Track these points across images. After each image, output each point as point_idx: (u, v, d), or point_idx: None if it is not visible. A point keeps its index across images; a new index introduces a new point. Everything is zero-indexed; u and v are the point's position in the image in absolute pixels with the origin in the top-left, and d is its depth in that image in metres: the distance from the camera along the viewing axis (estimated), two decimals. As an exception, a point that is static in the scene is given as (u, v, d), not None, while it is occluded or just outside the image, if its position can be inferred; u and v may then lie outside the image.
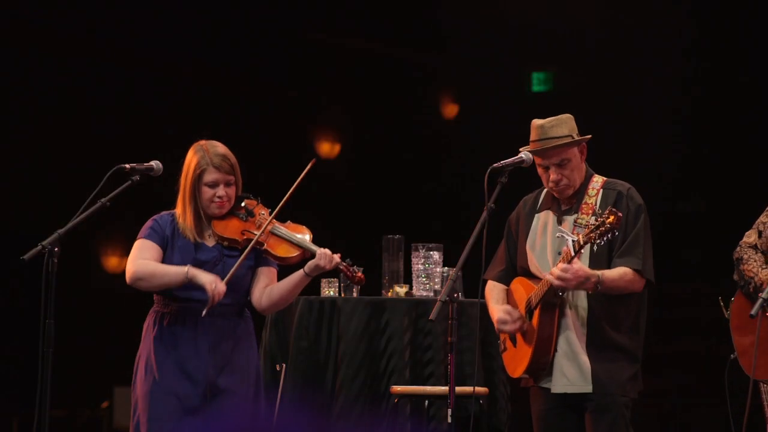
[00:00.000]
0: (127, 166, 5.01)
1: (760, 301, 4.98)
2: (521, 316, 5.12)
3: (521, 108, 11.29)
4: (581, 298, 5.04)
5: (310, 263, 5.13)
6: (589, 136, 5.16)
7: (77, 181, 6.71)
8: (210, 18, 11.49)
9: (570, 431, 5.13)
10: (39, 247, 4.65)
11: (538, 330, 5.04)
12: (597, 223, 4.78)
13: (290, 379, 6.17)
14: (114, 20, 11.21)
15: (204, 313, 4.97)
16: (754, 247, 5.55)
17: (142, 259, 5.08)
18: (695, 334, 11.39)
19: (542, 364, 5.07)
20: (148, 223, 5.16)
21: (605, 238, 4.82)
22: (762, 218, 5.59)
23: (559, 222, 5.12)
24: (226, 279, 5.00)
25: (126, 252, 12.96)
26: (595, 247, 4.99)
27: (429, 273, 6.44)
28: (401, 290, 6.45)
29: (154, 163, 5.08)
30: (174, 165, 5.25)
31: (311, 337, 6.27)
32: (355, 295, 6.41)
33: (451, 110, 12.70)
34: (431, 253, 6.45)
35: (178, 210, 5.16)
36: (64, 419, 12.06)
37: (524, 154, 5.06)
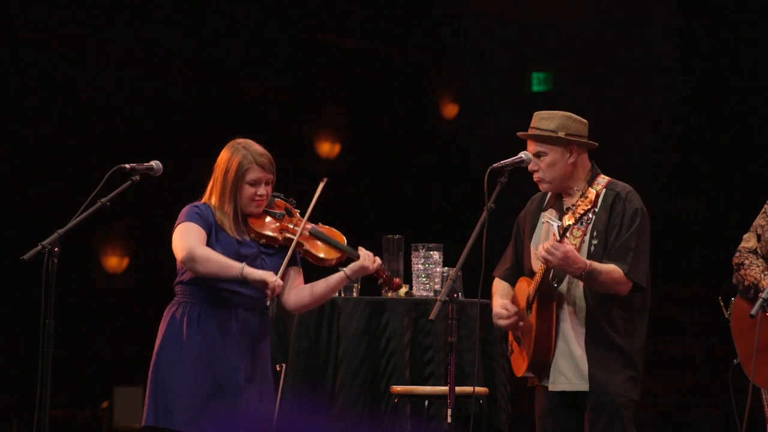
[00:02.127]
0: (127, 166, 5.00)
1: (760, 301, 4.98)
2: (518, 312, 5.11)
3: (521, 108, 11.29)
4: (578, 297, 5.03)
5: (354, 265, 5.16)
6: (581, 140, 5.11)
7: (77, 181, 6.71)
8: (210, 18, 11.49)
9: (570, 430, 5.13)
10: (39, 247, 4.64)
11: (537, 326, 5.04)
12: (573, 207, 4.80)
13: (290, 379, 6.17)
14: (114, 20, 11.21)
15: (270, 307, 5.06)
16: (754, 252, 5.53)
17: (197, 241, 5.01)
18: (695, 334, 11.39)
19: (543, 362, 5.06)
20: (189, 209, 5.09)
21: (583, 221, 4.81)
22: (759, 221, 5.56)
23: (560, 220, 5.11)
24: (279, 274, 5.03)
25: (126, 252, 12.92)
26: (591, 248, 5.00)
27: (429, 273, 6.43)
28: (401, 290, 6.44)
29: (154, 163, 5.08)
30: (174, 165, 5.25)
31: (311, 337, 6.26)
32: (355, 295, 6.40)
33: (451, 110, 12.70)
34: (431, 253, 6.44)
35: (213, 203, 5.13)
36: (64, 419, 12.06)
37: (524, 154, 5.06)
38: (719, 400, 10.96)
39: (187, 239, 5.00)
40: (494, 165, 5.00)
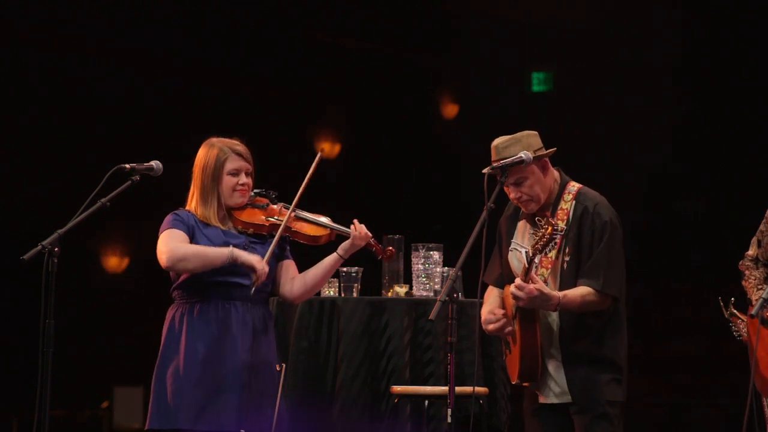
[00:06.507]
0: (127, 166, 5.01)
1: (760, 301, 4.96)
2: (505, 315, 5.14)
3: (521, 108, 11.32)
4: (552, 312, 5.07)
5: (345, 243, 5.20)
6: (549, 151, 5.12)
7: (77, 181, 6.71)
8: (211, 18, 11.50)
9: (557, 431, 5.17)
10: (39, 247, 4.64)
11: (521, 338, 5.08)
12: (539, 234, 4.83)
13: (290, 379, 6.17)
14: (115, 20, 11.22)
15: (252, 291, 5.03)
16: (755, 260, 5.51)
17: (178, 242, 5.06)
18: (695, 334, 11.40)
19: (532, 371, 5.09)
20: (169, 216, 5.15)
21: (549, 247, 4.89)
22: (761, 227, 5.53)
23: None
24: (266, 258, 5.06)
25: (125, 252, 12.89)
26: (564, 265, 5.02)
27: (429, 273, 6.43)
28: (401, 290, 6.44)
29: (154, 163, 5.08)
30: (173, 165, 5.25)
31: (311, 337, 6.26)
32: (355, 295, 6.40)
33: (451, 110, 12.71)
34: (431, 253, 6.44)
35: (192, 206, 5.18)
36: (64, 419, 12.07)
37: (524, 153, 5.05)
38: (719, 400, 10.99)
39: (167, 243, 5.04)
40: (494, 165, 5.01)
